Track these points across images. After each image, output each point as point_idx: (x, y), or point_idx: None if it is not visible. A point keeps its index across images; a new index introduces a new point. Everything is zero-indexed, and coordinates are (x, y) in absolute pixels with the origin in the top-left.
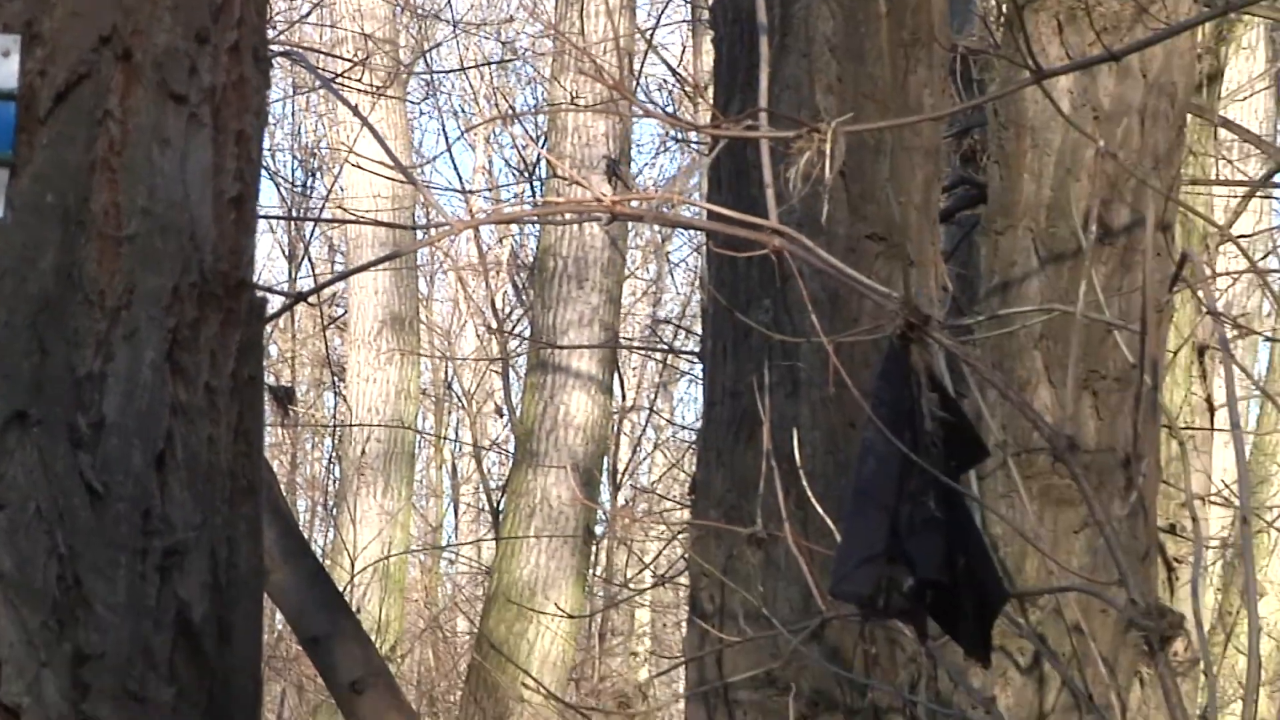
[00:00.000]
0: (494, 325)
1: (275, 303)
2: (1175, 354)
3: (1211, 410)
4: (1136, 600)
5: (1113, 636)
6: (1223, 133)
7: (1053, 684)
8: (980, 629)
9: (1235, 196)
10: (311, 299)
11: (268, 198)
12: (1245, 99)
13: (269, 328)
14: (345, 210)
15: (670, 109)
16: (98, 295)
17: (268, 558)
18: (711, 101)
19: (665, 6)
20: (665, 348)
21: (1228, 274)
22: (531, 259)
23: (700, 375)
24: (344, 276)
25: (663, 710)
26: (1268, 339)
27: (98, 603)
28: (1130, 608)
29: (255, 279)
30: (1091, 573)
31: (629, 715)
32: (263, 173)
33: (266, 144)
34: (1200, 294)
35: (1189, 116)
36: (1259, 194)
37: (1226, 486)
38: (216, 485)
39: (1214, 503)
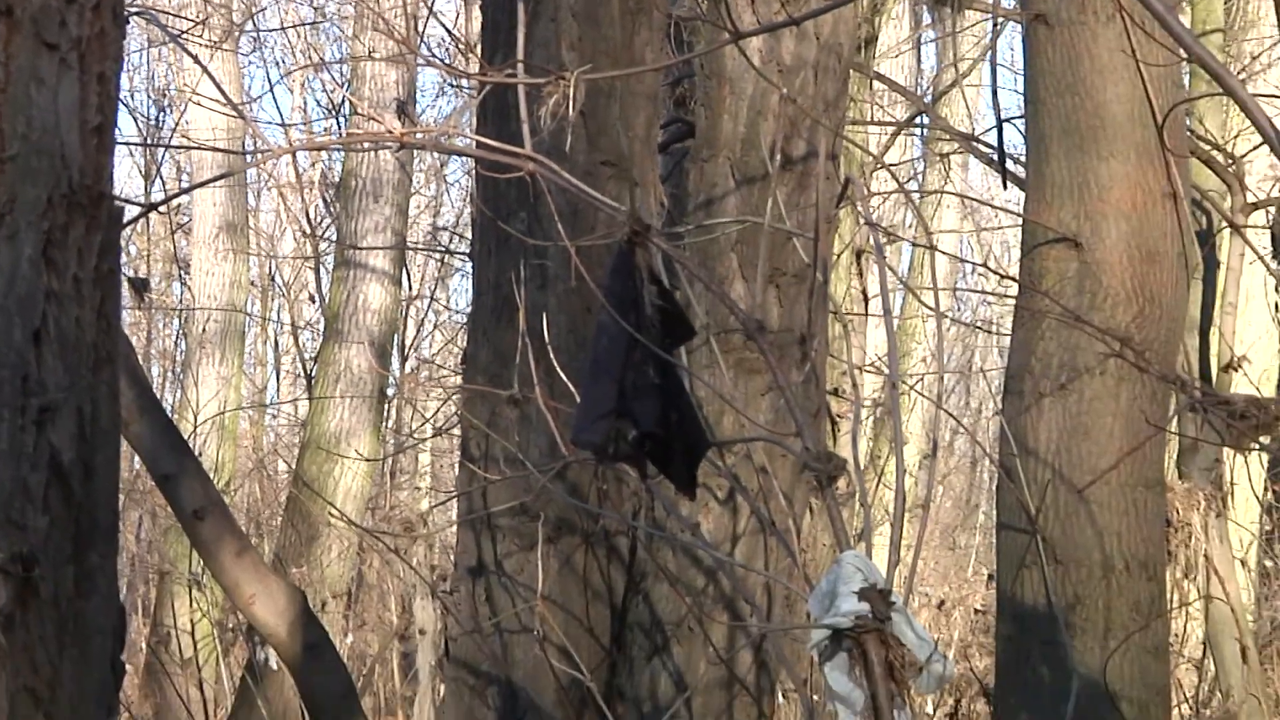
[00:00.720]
0: (307, 231)
1: (132, 211)
2: (839, 256)
3: (866, 300)
4: (809, 448)
5: (791, 476)
6: (876, 84)
7: (744, 512)
8: (688, 470)
9: (886, 133)
10: (162, 209)
11: (128, 129)
12: (895, 57)
13: (128, 231)
14: (189, 139)
15: (447, 61)
16: None
17: (127, 412)
18: (479, 55)
19: None
20: (443, 249)
21: (880, 194)
22: (337, 179)
23: (470, 271)
24: (188, 191)
25: (439, 533)
26: (911, 244)
27: None
28: (804, 454)
29: (115, 193)
30: (774, 426)
31: (413, 537)
32: (122, 109)
33: (126, 86)
34: (859, 209)
35: (851, 71)
36: (904, 132)
37: (878, 359)
38: (82, 356)
39: (868, 372)
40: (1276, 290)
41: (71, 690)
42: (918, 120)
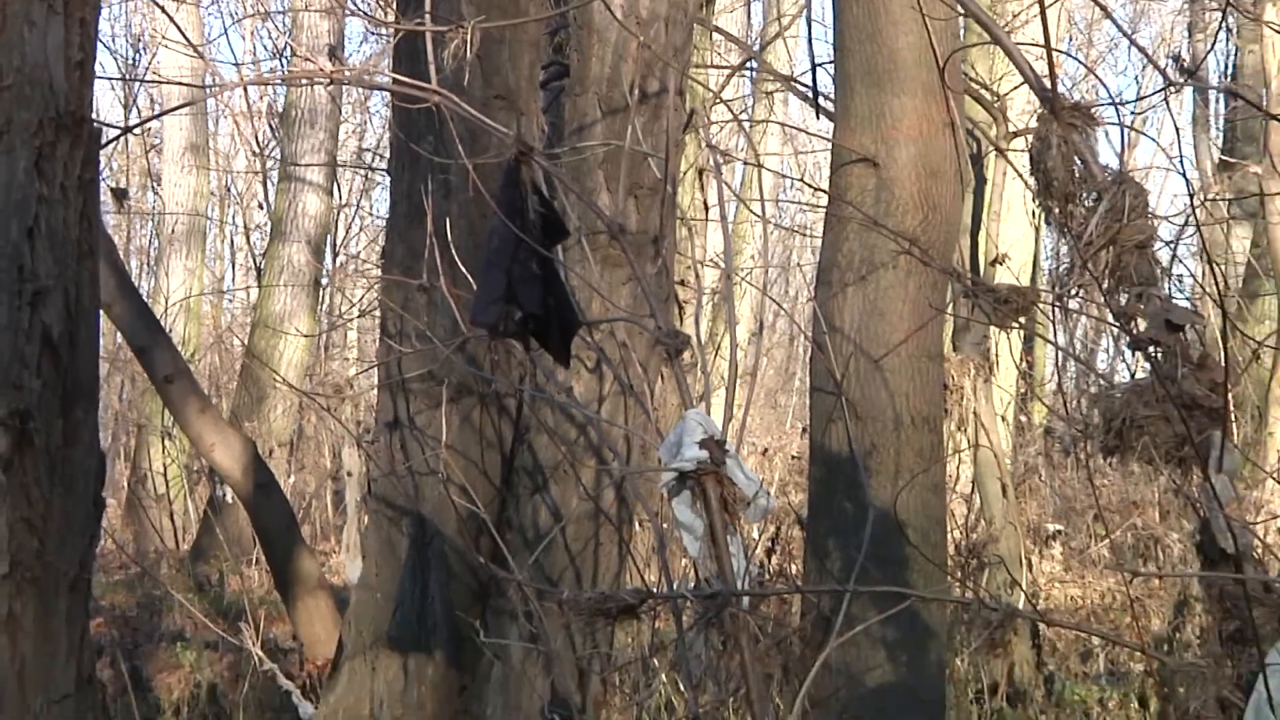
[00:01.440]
0: (257, 151)
1: (112, 133)
2: (685, 173)
3: (706, 209)
4: (661, 326)
5: (646, 349)
6: (715, 34)
7: (608, 378)
8: (563, 344)
9: (722, 75)
10: (137, 131)
11: (110, 67)
12: (730, 13)
13: (110, 149)
14: (159, 75)
15: (369, 12)
16: None
17: (110, 296)
18: (395, 8)
19: None
20: (367, 167)
21: (718, 123)
22: (281, 109)
23: (388, 184)
24: (158, 117)
25: (363, 395)
26: (743, 163)
27: None
28: (657, 331)
29: (96, 117)
30: (633, 310)
31: (342, 398)
32: (104, 50)
33: (107, 31)
34: (701, 135)
35: (695, 24)
36: (737, 74)
37: (716, 256)
38: (68, 249)
39: (708, 266)
40: (1032, 200)
41: (60, 521)
42: (749, 64)
